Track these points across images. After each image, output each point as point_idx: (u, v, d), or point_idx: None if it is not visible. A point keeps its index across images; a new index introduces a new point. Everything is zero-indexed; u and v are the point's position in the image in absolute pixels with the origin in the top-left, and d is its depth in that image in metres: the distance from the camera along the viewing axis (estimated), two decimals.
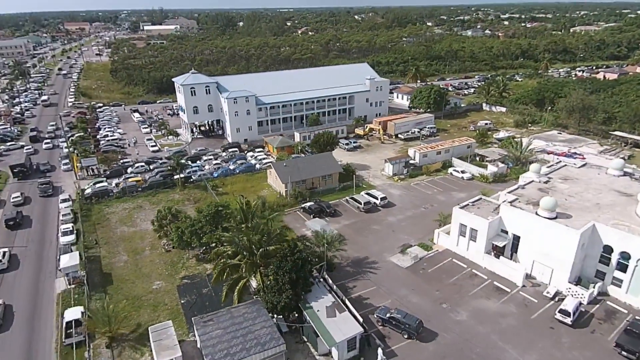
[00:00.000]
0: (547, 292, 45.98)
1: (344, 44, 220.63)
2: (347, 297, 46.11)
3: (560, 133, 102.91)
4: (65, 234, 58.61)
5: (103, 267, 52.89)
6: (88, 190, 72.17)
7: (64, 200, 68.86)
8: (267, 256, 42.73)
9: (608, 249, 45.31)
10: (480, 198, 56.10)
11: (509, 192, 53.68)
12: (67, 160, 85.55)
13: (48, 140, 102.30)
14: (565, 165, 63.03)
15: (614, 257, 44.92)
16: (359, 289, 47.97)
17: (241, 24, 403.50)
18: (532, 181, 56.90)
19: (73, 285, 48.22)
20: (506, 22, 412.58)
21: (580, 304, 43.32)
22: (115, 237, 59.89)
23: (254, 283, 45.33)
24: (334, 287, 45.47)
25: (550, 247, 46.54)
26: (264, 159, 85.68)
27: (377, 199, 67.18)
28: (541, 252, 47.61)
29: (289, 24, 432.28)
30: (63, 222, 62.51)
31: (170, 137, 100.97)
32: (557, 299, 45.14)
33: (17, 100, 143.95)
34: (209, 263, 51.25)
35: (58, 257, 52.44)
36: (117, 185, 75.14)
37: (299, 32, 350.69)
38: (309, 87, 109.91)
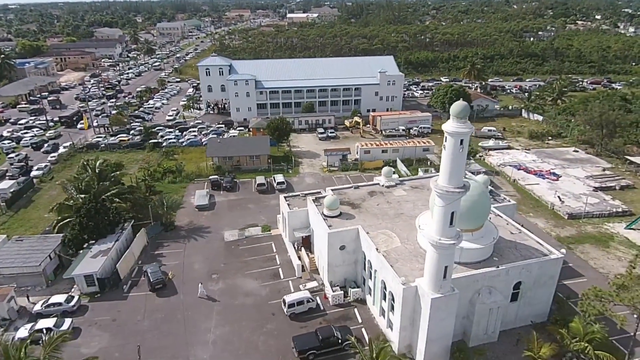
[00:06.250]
0: (304, 285, 46.30)
1: (434, 35, 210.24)
2: (151, 252, 53.99)
3: (577, 151, 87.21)
4: (39, 169, 78.48)
5: (35, 196, 70.35)
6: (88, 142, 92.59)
7: (65, 147, 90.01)
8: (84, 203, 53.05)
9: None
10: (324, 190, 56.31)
11: (332, 189, 53.10)
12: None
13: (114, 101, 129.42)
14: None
15: (367, 264, 42.87)
16: (167, 249, 54.89)
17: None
18: (377, 184, 54.61)
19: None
20: None
21: (310, 300, 42.89)
22: (67, 177, 77.19)
23: None
24: (133, 241, 53.35)
25: (322, 245, 46.31)
26: (234, 136, 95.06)
27: (275, 182, 71.28)
28: (320, 248, 47.51)
29: (430, 14, 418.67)
30: (48, 161, 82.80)
31: (189, 110, 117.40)
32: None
33: (128, 70, 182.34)
34: None
35: None
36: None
37: (427, 23, 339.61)
38: (320, 75, 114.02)
